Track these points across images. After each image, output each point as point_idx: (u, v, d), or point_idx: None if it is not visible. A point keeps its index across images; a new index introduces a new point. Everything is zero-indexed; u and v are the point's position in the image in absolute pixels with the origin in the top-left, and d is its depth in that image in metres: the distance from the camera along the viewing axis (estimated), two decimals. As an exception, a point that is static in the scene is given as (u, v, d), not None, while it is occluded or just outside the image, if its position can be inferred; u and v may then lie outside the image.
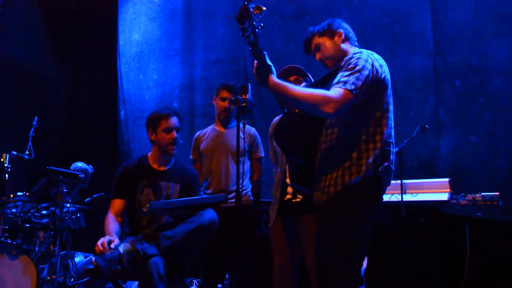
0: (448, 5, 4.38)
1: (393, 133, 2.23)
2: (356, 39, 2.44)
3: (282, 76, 2.97)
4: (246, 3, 2.01)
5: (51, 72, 6.42)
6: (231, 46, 5.35)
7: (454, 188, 3.68)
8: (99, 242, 2.58)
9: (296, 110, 2.30)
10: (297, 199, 2.79)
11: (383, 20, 4.67)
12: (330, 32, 2.39)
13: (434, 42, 4.40)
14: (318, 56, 2.44)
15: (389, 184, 2.23)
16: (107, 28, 6.22)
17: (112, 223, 2.84)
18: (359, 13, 4.72)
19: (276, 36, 5.09)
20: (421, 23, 4.49)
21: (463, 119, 4.23)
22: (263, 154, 3.61)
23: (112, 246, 2.57)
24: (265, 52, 2.09)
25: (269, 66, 2.09)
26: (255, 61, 2.10)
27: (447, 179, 3.69)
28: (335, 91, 2.06)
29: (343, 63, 2.21)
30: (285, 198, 2.84)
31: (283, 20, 5.10)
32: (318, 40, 2.42)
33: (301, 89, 2.11)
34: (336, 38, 2.38)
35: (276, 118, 3.22)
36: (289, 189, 2.81)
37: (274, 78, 2.09)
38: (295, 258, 2.84)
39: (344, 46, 2.37)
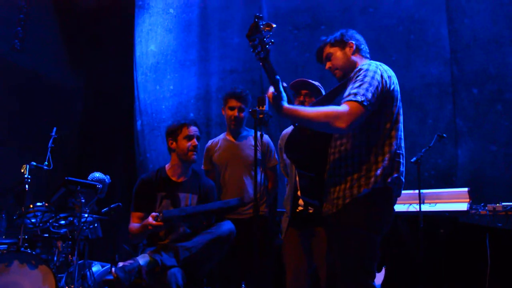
0: (465, 13, 4.35)
1: (403, 144, 2.21)
2: (368, 51, 2.41)
3: (293, 88, 3.00)
4: (256, 20, 2.03)
5: (69, 83, 6.53)
6: (246, 56, 5.37)
7: (473, 197, 3.63)
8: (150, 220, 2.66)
9: None
10: (310, 211, 2.80)
11: (399, 28, 4.65)
12: (342, 43, 2.38)
13: (451, 50, 4.37)
14: (328, 65, 2.44)
15: (399, 195, 2.22)
16: (123, 39, 6.30)
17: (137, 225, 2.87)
18: (374, 22, 4.72)
19: (291, 46, 5.10)
20: (437, 31, 4.46)
21: (481, 127, 4.18)
22: (277, 161, 3.53)
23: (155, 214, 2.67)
24: (278, 77, 2.09)
25: (281, 92, 2.10)
26: (271, 88, 2.11)
27: (466, 189, 3.64)
28: (346, 106, 2.04)
29: (352, 75, 2.21)
30: (297, 210, 2.85)
31: (298, 30, 5.12)
32: (329, 49, 2.42)
33: (311, 110, 2.10)
34: (347, 49, 2.36)
35: (286, 131, 3.23)
36: (301, 201, 2.81)
37: (285, 104, 2.10)
38: (308, 268, 2.85)
39: (354, 57, 2.36)
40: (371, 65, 2.18)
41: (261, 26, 2.06)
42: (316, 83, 3.03)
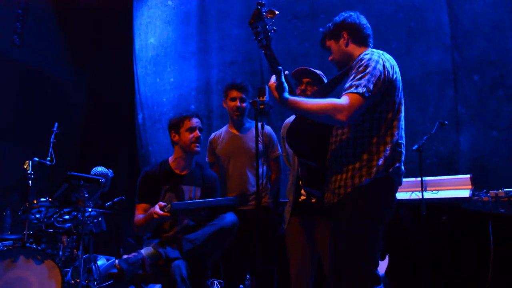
0: (465, -2, 4.31)
1: (403, 134, 2.21)
2: (369, 35, 2.35)
3: (295, 77, 2.99)
4: (259, 7, 2.03)
5: (69, 78, 6.52)
6: (246, 47, 5.34)
7: (476, 184, 3.63)
8: (156, 209, 2.68)
9: None
10: (313, 200, 2.80)
11: (399, 15, 4.61)
12: (336, 34, 2.34)
13: (451, 36, 4.33)
14: (330, 58, 2.43)
15: (400, 184, 2.21)
16: (123, 33, 6.29)
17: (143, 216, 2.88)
18: (374, 9, 4.67)
19: (290, 35, 5.07)
20: (437, 18, 4.42)
21: (482, 113, 4.15)
22: (280, 152, 3.54)
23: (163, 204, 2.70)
24: (280, 68, 2.07)
25: (282, 83, 2.08)
26: (273, 78, 2.10)
27: (468, 176, 3.64)
28: (346, 98, 2.03)
29: (353, 64, 2.19)
30: (300, 199, 2.86)
31: (298, 19, 5.08)
32: (328, 42, 2.40)
33: (312, 102, 2.07)
34: (341, 40, 2.32)
35: (288, 120, 3.22)
36: (303, 191, 2.81)
37: (287, 95, 2.08)
38: (312, 257, 2.86)
39: (350, 48, 2.31)
40: (373, 54, 2.15)
41: (264, 13, 2.06)
42: (318, 71, 3.02)
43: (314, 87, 2.96)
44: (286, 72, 2.15)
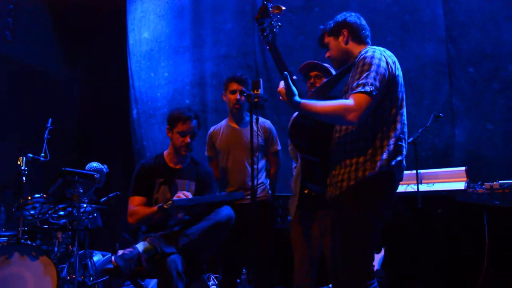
0: (459, -10, 4.31)
1: (405, 129, 2.22)
2: (369, 35, 2.36)
3: (302, 71, 3.00)
4: (265, 2, 2.02)
5: (63, 74, 6.48)
6: (240, 40, 5.32)
7: (471, 176, 3.64)
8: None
9: None
10: (313, 193, 2.80)
11: (393, 9, 4.61)
12: (336, 31, 2.35)
13: (446, 29, 4.33)
14: (327, 54, 2.43)
15: (401, 179, 2.22)
16: (116, 27, 6.24)
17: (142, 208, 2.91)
18: (368, 2, 4.67)
19: (285, 29, 5.03)
20: (432, 11, 4.42)
21: (477, 106, 4.17)
22: (279, 147, 3.55)
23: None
24: (286, 73, 2.06)
25: (291, 87, 2.06)
26: (281, 83, 2.08)
27: (463, 168, 3.66)
28: (355, 98, 2.03)
29: (356, 61, 2.18)
30: (305, 192, 2.85)
31: (292, 13, 5.05)
32: (327, 39, 2.40)
33: (322, 104, 2.07)
34: (341, 38, 2.33)
35: (295, 114, 3.21)
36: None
37: (297, 99, 2.08)
38: (314, 250, 2.87)
39: (349, 46, 2.32)
40: (375, 51, 2.16)
41: (270, 9, 2.05)
42: (326, 64, 3.01)
43: (322, 79, 2.96)
44: (294, 77, 2.14)
